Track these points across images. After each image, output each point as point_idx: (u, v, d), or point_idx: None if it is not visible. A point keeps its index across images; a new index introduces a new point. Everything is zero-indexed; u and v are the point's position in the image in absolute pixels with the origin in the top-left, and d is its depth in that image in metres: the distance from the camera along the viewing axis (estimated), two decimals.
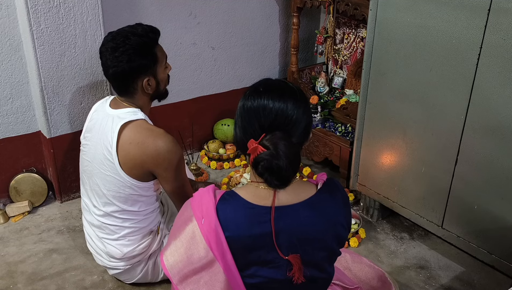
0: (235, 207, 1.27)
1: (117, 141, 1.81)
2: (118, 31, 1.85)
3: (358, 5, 2.63)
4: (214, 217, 1.25)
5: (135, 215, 1.92)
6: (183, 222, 1.32)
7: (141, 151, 1.80)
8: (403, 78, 2.11)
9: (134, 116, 1.85)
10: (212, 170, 3.00)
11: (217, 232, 1.24)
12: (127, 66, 1.80)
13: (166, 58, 1.95)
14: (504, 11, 1.72)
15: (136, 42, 1.80)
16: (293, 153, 1.20)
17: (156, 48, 1.88)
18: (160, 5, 2.71)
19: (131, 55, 1.79)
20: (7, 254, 2.29)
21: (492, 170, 1.92)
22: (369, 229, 2.49)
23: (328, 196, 1.31)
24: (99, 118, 1.92)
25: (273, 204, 1.26)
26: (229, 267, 1.27)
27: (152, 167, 1.83)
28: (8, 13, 2.28)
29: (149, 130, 1.83)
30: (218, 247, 1.25)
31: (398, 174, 2.28)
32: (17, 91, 2.43)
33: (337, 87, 3.14)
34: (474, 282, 2.18)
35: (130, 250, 1.95)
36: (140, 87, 1.86)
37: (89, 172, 1.94)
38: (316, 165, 3.02)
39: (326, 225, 1.29)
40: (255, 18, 3.11)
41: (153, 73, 1.87)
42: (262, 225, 1.25)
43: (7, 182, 2.54)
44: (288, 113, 1.23)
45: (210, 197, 1.28)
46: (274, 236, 1.25)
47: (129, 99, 1.90)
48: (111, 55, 1.80)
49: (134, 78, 1.84)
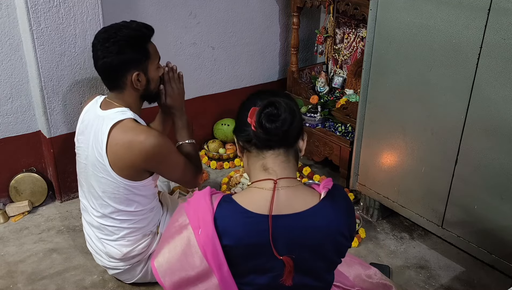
0: (233, 216, 1.24)
1: (107, 142, 1.79)
2: (112, 24, 1.82)
3: (358, 5, 2.63)
4: (211, 228, 1.22)
5: (132, 216, 1.92)
6: (178, 228, 1.28)
7: (128, 151, 1.78)
8: (403, 78, 2.11)
9: (122, 115, 1.83)
10: (212, 170, 3.00)
11: (214, 243, 1.22)
12: (117, 57, 1.77)
13: (159, 59, 1.93)
14: (504, 11, 1.72)
15: (128, 34, 1.78)
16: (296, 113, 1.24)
17: (149, 44, 1.85)
18: (160, 5, 2.71)
19: (121, 46, 1.76)
20: (7, 253, 2.29)
21: (492, 170, 1.92)
22: (369, 229, 2.49)
23: (330, 206, 1.28)
24: (90, 119, 1.90)
25: (270, 212, 1.23)
26: (225, 278, 1.24)
27: (144, 165, 1.83)
28: (8, 13, 2.28)
29: (134, 129, 1.80)
30: (214, 258, 1.22)
31: (398, 174, 2.28)
32: (17, 90, 2.43)
33: (337, 87, 3.14)
34: (474, 282, 2.18)
35: (129, 251, 1.95)
36: (130, 82, 1.82)
37: (85, 174, 1.93)
38: (316, 165, 3.02)
39: (326, 236, 1.26)
40: (255, 18, 3.11)
41: (144, 69, 1.84)
42: (260, 233, 1.23)
43: (7, 182, 2.54)
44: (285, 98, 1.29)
45: (207, 204, 1.25)
46: (273, 244, 1.22)
47: (119, 95, 1.87)
48: (102, 46, 1.77)
49: (124, 71, 1.80)
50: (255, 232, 1.23)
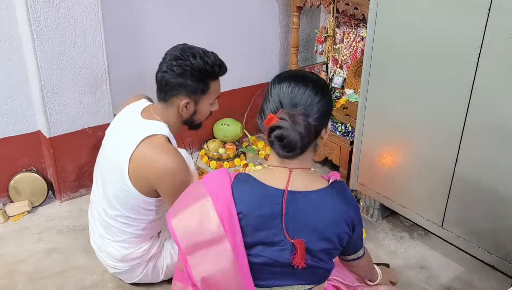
0: (250, 187, 1.32)
1: (133, 151, 1.79)
2: (192, 46, 1.83)
3: (358, 5, 2.63)
4: (229, 195, 1.30)
5: (137, 223, 1.92)
6: (196, 197, 1.34)
7: (147, 164, 1.77)
8: (403, 78, 2.11)
9: (158, 130, 1.82)
10: (212, 170, 3.00)
11: (230, 211, 1.29)
12: (175, 79, 1.78)
13: (218, 97, 1.92)
14: (504, 11, 1.72)
15: (198, 64, 1.78)
16: (305, 127, 1.24)
17: (213, 81, 1.85)
18: (160, 5, 2.71)
19: (185, 71, 1.77)
20: (6, 253, 2.29)
21: (492, 170, 1.92)
22: (369, 228, 2.49)
23: (336, 193, 1.36)
24: (126, 121, 1.90)
25: (287, 187, 1.31)
26: (238, 245, 1.31)
27: (155, 183, 1.80)
28: (7, 13, 2.28)
29: (162, 146, 1.79)
30: (230, 224, 1.29)
31: (398, 174, 2.28)
32: (16, 90, 2.43)
33: (337, 86, 3.14)
34: (474, 282, 2.18)
35: (129, 253, 1.95)
36: (177, 106, 1.83)
37: (102, 170, 1.94)
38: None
39: (331, 218, 1.33)
40: (255, 17, 3.11)
41: (196, 100, 1.84)
42: (273, 206, 1.30)
43: (6, 182, 2.54)
44: (305, 94, 1.29)
45: (225, 176, 1.34)
46: (284, 219, 1.30)
47: (163, 109, 1.86)
48: (169, 62, 1.79)
49: (177, 93, 1.81)
50: (269, 204, 1.30)
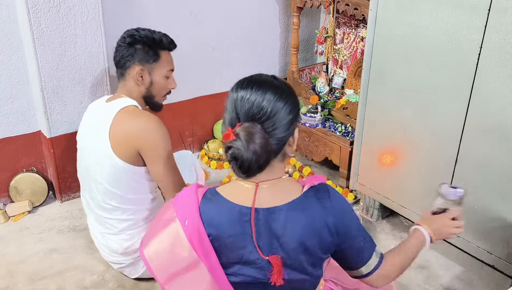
0: (218, 207, 1.27)
1: (110, 126, 1.86)
2: (145, 28, 1.98)
3: (358, 5, 2.63)
4: (197, 218, 1.25)
5: (132, 204, 1.94)
6: (166, 221, 1.31)
7: (127, 127, 1.85)
8: (403, 78, 2.11)
9: (127, 103, 1.92)
10: (212, 170, 3.00)
11: (200, 232, 1.25)
12: (127, 49, 1.92)
13: (172, 71, 2.03)
14: (504, 11, 1.72)
15: (146, 34, 1.94)
16: (262, 146, 1.18)
17: (163, 51, 1.98)
18: (160, 5, 2.71)
19: (135, 40, 1.93)
20: (7, 253, 2.29)
21: (492, 170, 1.92)
22: (369, 228, 2.49)
23: (314, 200, 1.27)
24: (94, 112, 2.00)
25: (253, 205, 1.25)
26: (214, 267, 1.27)
27: (138, 145, 1.84)
28: (8, 13, 2.28)
29: (137, 112, 1.91)
30: (201, 247, 1.25)
31: (398, 174, 2.28)
32: (17, 91, 2.43)
33: (337, 87, 3.14)
34: (474, 282, 2.18)
35: (130, 244, 1.98)
36: (133, 76, 1.93)
37: (86, 166, 1.98)
38: (316, 165, 3.02)
39: (307, 229, 1.26)
40: (255, 18, 3.11)
41: (149, 69, 1.95)
42: (243, 224, 1.25)
43: (7, 182, 2.54)
44: (263, 105, 1.21)
45: (193, 197, 1.29)
46: (255, 237, 1.25)
47: (124, 87, 1.97)
48: (121, 38, 1.96)
49: (129, 62, 1.93)
50: (239, 223, 1.25)
